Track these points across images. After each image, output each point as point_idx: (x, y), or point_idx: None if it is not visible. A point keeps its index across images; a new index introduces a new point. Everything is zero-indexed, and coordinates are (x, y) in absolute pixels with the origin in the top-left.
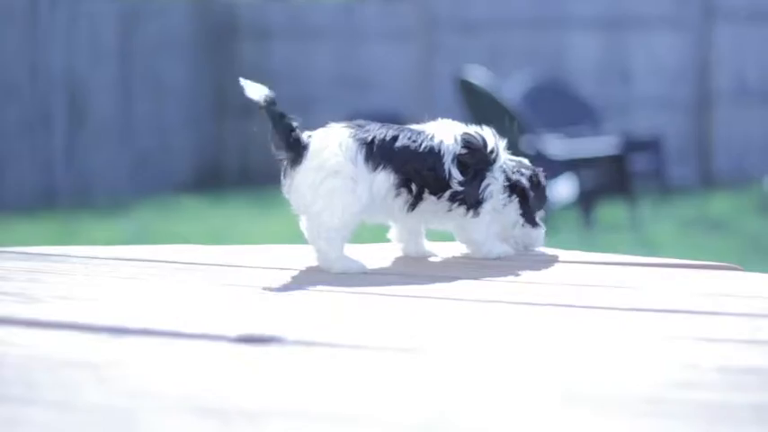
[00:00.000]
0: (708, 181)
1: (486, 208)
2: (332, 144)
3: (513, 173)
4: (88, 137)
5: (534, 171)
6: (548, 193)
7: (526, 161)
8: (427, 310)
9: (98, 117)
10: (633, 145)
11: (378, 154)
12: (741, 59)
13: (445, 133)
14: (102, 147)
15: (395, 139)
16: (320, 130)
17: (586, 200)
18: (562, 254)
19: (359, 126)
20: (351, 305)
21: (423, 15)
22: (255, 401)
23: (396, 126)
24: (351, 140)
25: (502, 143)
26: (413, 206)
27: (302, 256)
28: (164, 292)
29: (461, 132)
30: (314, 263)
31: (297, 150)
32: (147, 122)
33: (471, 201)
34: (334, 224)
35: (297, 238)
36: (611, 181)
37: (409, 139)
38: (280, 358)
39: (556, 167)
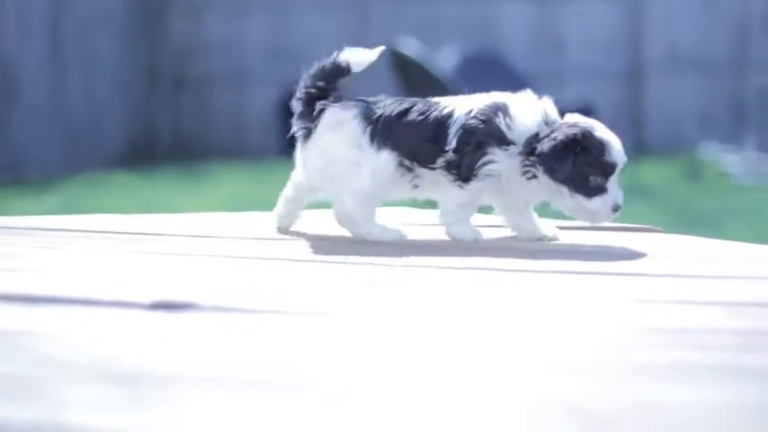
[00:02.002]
0: (640, 149)
1: (474, 186)
2: (336, 126)
3: (544, 138)
4: (19, 113)
5: (581, 130)
6: (609, 153)
7: (583, 119)
8: (347, 275)
9: (29, 93)
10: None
11: (380, 133)
12: (673, 28)
13: (466, 105)
14: (33, 122)
15: (401, 114)
16: (331, 108)
17: None
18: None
19: (371, 104)
20: (269, 272)
21: None
22: (168, 368)
23: (413, 101)
24: (355, 122)
25: (531, 118)
26: (414, 182)
27: (223, 224)
28: (79, 261)
29: (486, 104)
30: (236, 230)
31: (309, 126)
32: (79, 98)
33: (463, 171)
34: (352, 209)
35: (228, 210)
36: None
37: (418, 112)
38: (195, 324)
39: None
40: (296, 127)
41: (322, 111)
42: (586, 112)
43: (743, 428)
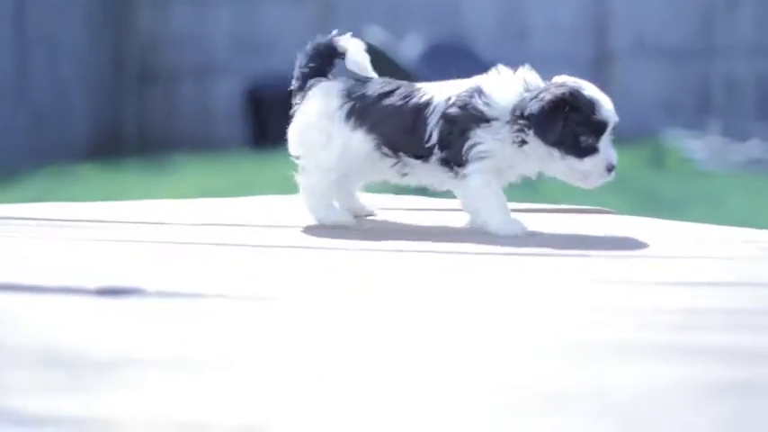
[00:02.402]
0: None
1: (472, 169)
2: (320, 96)
3: (530, 100)
4: None
5: (569, 89)
6: (599, 112)
7: (571, 79)
8: (291, 259)
9: None
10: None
11: (357, 112)
12: (638, 16)
13: (446, 92)
14: None
15: (382, 96)
16: (321, 82)
17: None
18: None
19: (358, 81)
20: (218, 257)
21: None
22: (110, 352)
23: (399, 83)
24: (338, 95)
25: (513, 89)
26: (402, 171)
27: (176, 211)
28: (29, 248)
29: (464, 89)
30: (188, 217)
31: (301, 97)
32: (45, 88)
33: (455, 163)
34: (312, 178)
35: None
36: None
37: (399, 96)
38: (139, 309)
39: None
40: (293, 105)
41: (312, 85)
42: None
43: (692, 406)
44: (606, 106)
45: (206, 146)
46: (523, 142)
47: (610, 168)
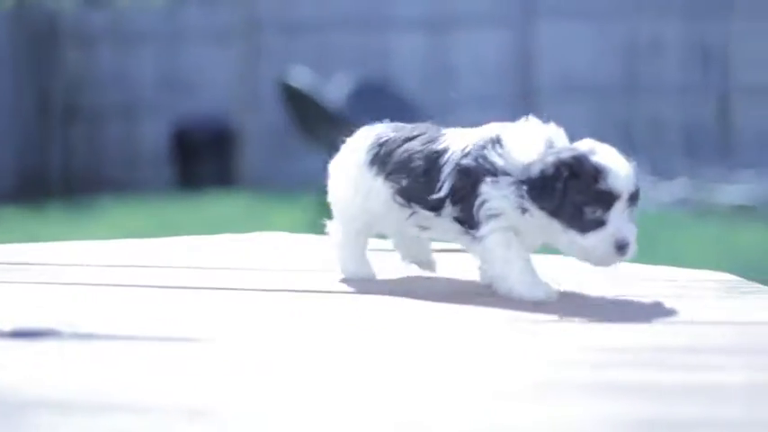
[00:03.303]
0: None
1: (486, 230)
2: (354, 144)
3: (536, 163)
4: None
5: (574, 153)
6: (606, 180)
7: (588, 144)
8: (210, 301)
9: None
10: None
11: (380, 158)
12: (563, 55)
13: (463, 141)
14: None
15: (404, 141)
16: (365, 127)
17: None
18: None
19: (396, 125)
20: (133, 298)
21: (245, 16)
22: (17, 395)
23: (429, 128)
24: (368, 142)
25: (529, 141)
26: (421, 223)
27: (95, 253)
28: None
29: (482, 137)
30: (108, 258)
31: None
32: None
33: (468, 223)
34: (339, 228)
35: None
36: None
37: (420, 142)
38: (54, 351)
39: None
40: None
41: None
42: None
43: None
44: (617, 174)
45: (132, 188)
46: (525, 210)
47: (620, 246)
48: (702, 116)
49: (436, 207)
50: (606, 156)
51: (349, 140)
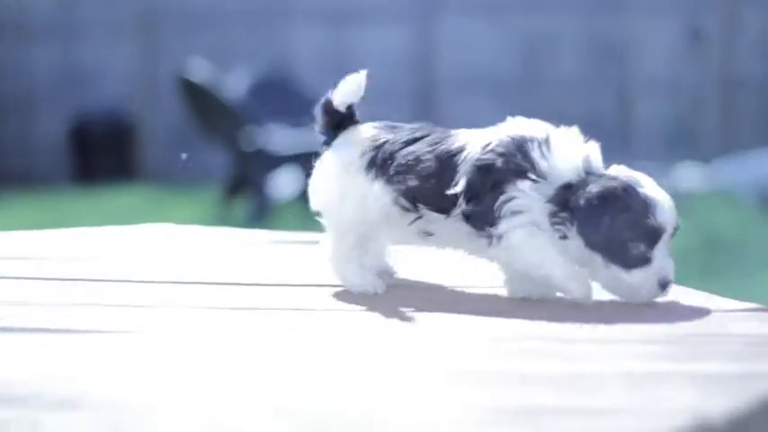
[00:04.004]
0: None
1: (506, 226)
2: (343, 146)
3: (580, 190)
4: None
5: (622, 183)
6: (655, 215)
7: (627, 172)
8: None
9: None
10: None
11: (379, 162)
12: (464, 49)
13: (485, 138)
14: None
15: (408, 143)
16: (349, 129)
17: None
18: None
19: (391, 128)
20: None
21: (145, 9)
22: None
23: (434, 130)
24: (361, 144)
25: (565, 151)
26: (425, 229)
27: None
28: None
29: (503, 135)
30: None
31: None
32: None
33: (484, 223)
34: (332, 239)
35: None
36: None
37: (427, 143)
38: None
39: (279, 161)
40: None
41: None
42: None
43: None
44: (665, 207)
45: (30, 181)
46: (564, 236)
47: (663, 285)
48: (601, 110)
49: (447, 207)
50: (652, 187)
51: (335, 145)
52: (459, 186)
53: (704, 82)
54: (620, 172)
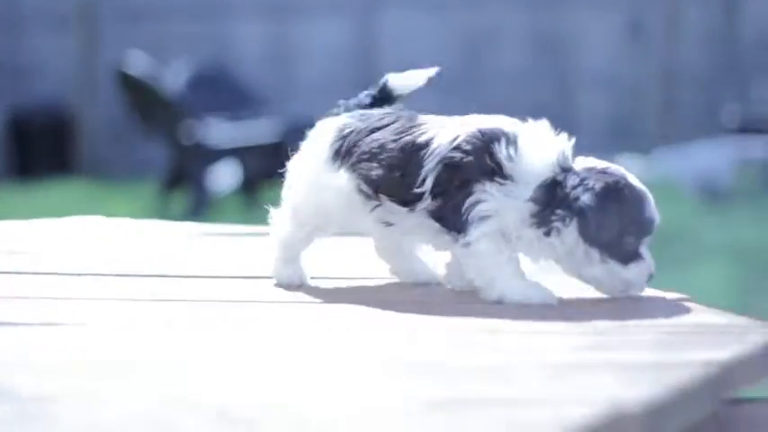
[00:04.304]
0: None
1: (476, 234)
2: (316, 135)
3: (574, 186)
4: None
5: (619, 178)
6: (649, 209)
7: (614, 166)
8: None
9: None
10: (297, 130)
11: (344, 149)
12: (405, 43)
13: (453, 131)
14: None
15: (373, 130)
16: (320, 122)
17: (250, 185)
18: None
19: (362, 116)
20: None
21: (84, 2)
22: None
23: (401, 116)
24: (331, 133)
25: (539, 147)
26: (384, 218)
27: None
28: None
29: (472, 130)
30: None
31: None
32: None
33: (452, 223)
34: (285, 229)
35: None
36: (274, 166)
37: (393, 131)
38: None
39: (217, 154)
40: None
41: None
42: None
43: (405, 420)
44: (652, 202)
45: None
46: (557, 232)
47: (650, 278)
48: (543, 103)
49: (410, 200)
50: (637, 181)
51: (310, 135)
52: (425, 185)
53: (645, 75)
54: (600, 164)
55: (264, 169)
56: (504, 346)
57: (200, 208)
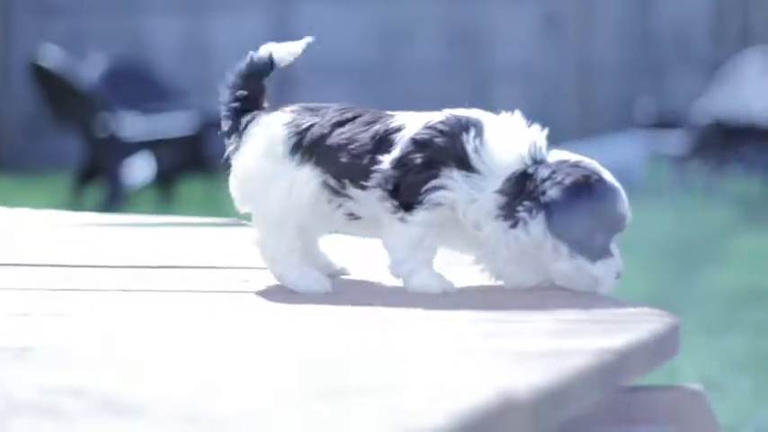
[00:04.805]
0: None
1: (419, 218)
2: (261, 133)
3: (544, 179)
4: None
5: (592, 172)
6: (621, 205)
7: (587, 160)
8: None
9: None
10: (211, 124)
11: (306, 146)
12: (322, 35)
13: (425, 119)
14: None
15: (339, 124)
16: (263, 115)
17: (165, 178)
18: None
19: (310, 110)
20: None
21: None
22: None
23: (362, 111)
24: (281, 129)
25: (514, 139)
26: (348, 211)
27: None
28: None
29: (454, 115)
30: None
31: (239, 139)
32: None
33: (404, 194)
34: (266, 237)
35: None
36: (189, 159)
37: (359, 124)
38: None
39: (132, 148)
40: (227, 146)
41: (252, 119)
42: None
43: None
44: (624, 198)
45: None
46: (523, 224)
47: (617, 276)
48: (458, 96)
49: (368, 175)
50: (610, 176)
51: (253, 133)
52: (390, 156)
53: (560, 68)
54: (573, 158)
55: (179, 162)
56: (394, 335)
57: (115, 201)
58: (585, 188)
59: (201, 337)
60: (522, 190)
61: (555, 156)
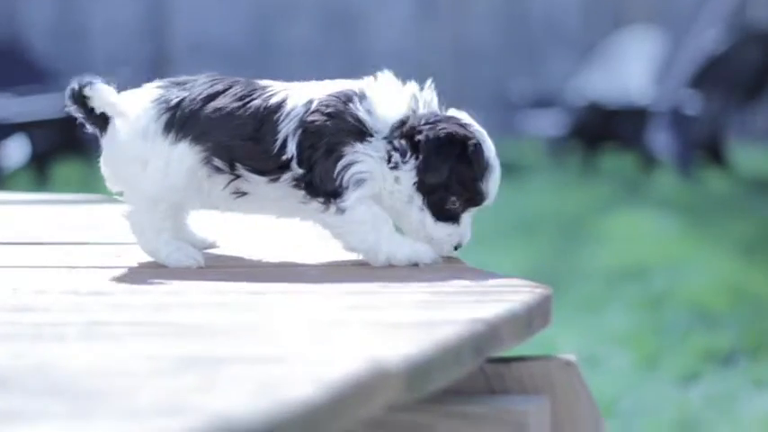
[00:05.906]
0: None
1: (353, 198)
2: (130, 115)
3: (422, 124)
4: None
5: (472, 136)
6: (488, 181)
7: (478, 126)
8: None
9: None
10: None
11: (179, 121)
12: (197, 17)
13: (304, 92)
14: None
15: (210, 98)
16: (129, 95)
17: (40, 160)
18: None
19: (177, 84)
20: None
21: None
22: None
23: (232, 81)
24: (150, 107)
25: (405, 99)
26: (239, 191)
27: None
28: None
29: (331, 93)
30: None
31: (100, 122)
32: None
33: (322, 190)
34: (139, 215)
35: None
36: (64, 141)
37: (234, 97)
38: None
39: (6, 129)
40: (88, 126)
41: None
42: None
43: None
44: (496, 179)
45: None
46: (395, 166)
47: (456, 248)
48: (334, 78)
49: (270, 169)
50: (492, 152)
51: (121, 114)
52: (287, 152)
53: (435, 50)
54: (467, 119)
55: (54, 144)
56: (264, 306)
57: None
58: (460, 146)
59: (75, 312)
60: (400, 134)
61: (457, 114)
